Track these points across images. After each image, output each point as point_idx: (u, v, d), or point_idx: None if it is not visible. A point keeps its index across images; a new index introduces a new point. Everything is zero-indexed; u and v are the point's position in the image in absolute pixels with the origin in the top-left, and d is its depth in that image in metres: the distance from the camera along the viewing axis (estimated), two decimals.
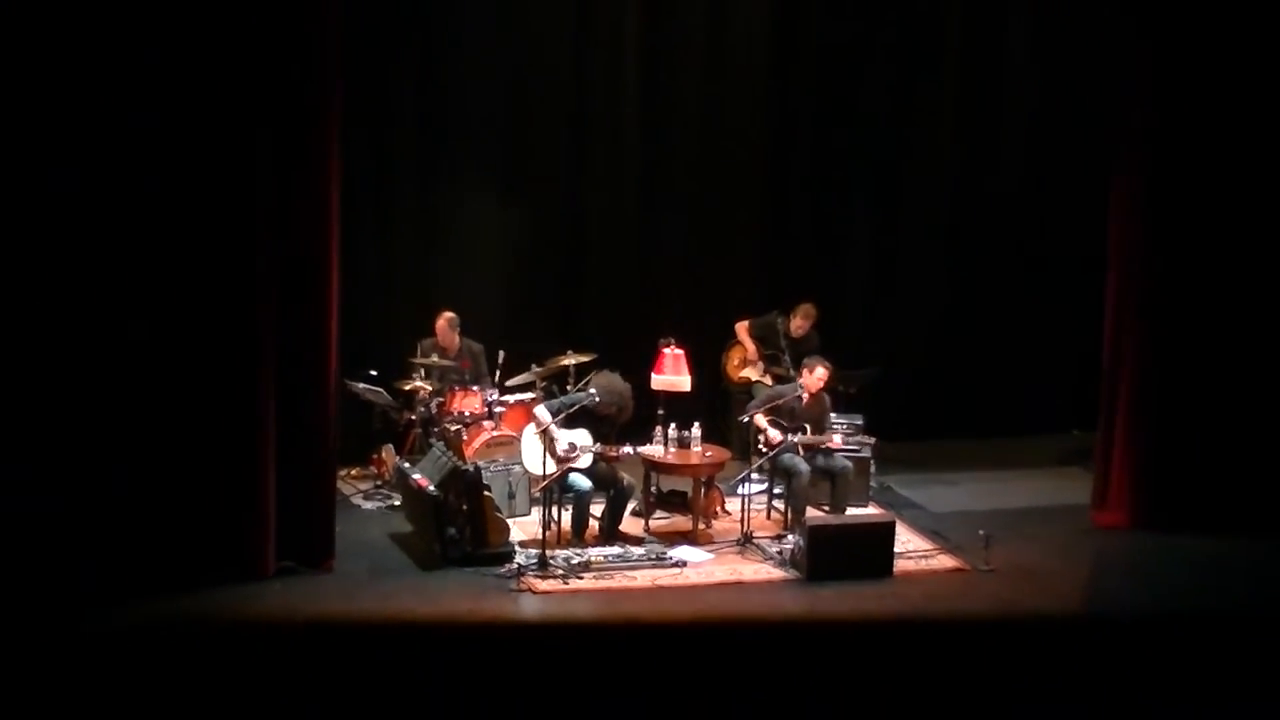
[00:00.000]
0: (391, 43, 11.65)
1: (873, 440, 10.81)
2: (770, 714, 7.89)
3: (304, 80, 9.36)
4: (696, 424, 10.43)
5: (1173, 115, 10.46)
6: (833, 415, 10.70)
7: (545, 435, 9.92)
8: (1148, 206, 10.52)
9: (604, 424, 10.18)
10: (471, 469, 9.78)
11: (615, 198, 12.33)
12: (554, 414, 9.99)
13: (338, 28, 9.47)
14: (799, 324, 11.43)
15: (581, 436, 10.00)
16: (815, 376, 10.38)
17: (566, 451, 9.92)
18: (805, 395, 10.52)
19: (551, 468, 9.80)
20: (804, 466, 10.20)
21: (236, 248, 9.23)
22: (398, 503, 10.55)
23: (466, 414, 10.73)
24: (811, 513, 10.07)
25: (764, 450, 10.33)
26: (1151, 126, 10.53)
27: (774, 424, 10.26)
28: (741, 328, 11.46)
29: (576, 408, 10.09)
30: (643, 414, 10.59)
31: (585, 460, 9.95)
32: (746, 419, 10.48)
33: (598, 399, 10.04)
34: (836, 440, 10.46)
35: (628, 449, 10.24)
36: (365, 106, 11.06)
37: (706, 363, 11.35)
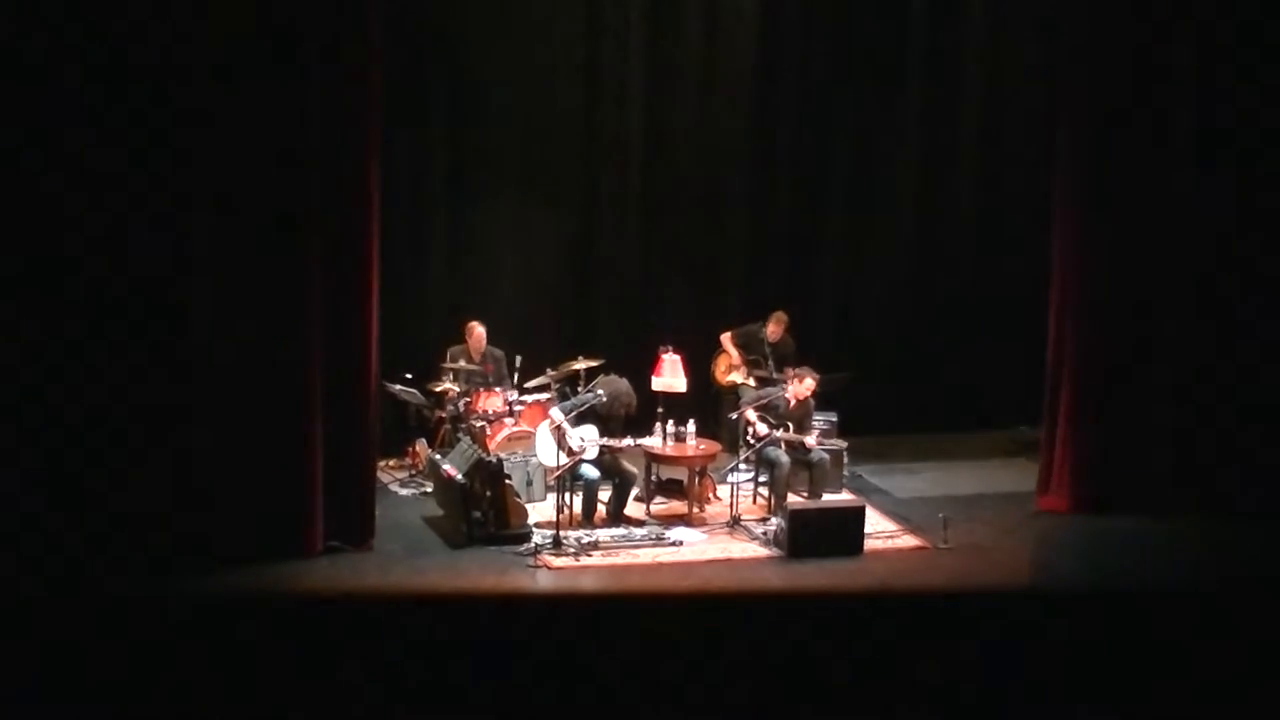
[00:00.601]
0: (424, 81, 11.59)
1: (844, 444, 10.85)
2: (754, 674, 7.62)
3: (349, 117, 9.30)
4: (691, 421, 10.49)
5: (1104, 135, 10.35)
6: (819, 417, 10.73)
7: (558, 431, 9.96)
8: (1084, 221, 10.44)
9: (609, 421, 10.19)
10: (494, 460, 9.82)
11: (620, 222, 12.36)
12: (566, 412, 10.05)
13: (379, 69, 9.43)
14: (774, 330, 11.49)
15: (590, 432, 10.02)
16: (804, 386, 10.48)
17: (577, 445, 9.92)
18: (793, 400, 10.47)
19: (564, 459, 9.86)
20: (785, 458, 10.26)
21: (293, 268, 9.22)
22: (430, 489, 10.53)
23: (490, 412, 10.73)
24: (791, 498, 10.11)
25: (751, 442, 10.31)
26: (1085, 145, 10.44)
27: (763, 419, 10.30)
28: (726, 338, 11.48)
29: (585, 407, 10.13)
30: (644, 412, 10.61)
31: (593, 452, 9.97)
32: (736, 416, 10.49)
33: (604, 399, 10.11)
34: (810, 441, 10.36)
35: (630, 442, 10.30)
36: (402, 138, 10.99)
37: (699, 367, 11.30)
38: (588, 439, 10.00)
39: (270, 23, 9.07)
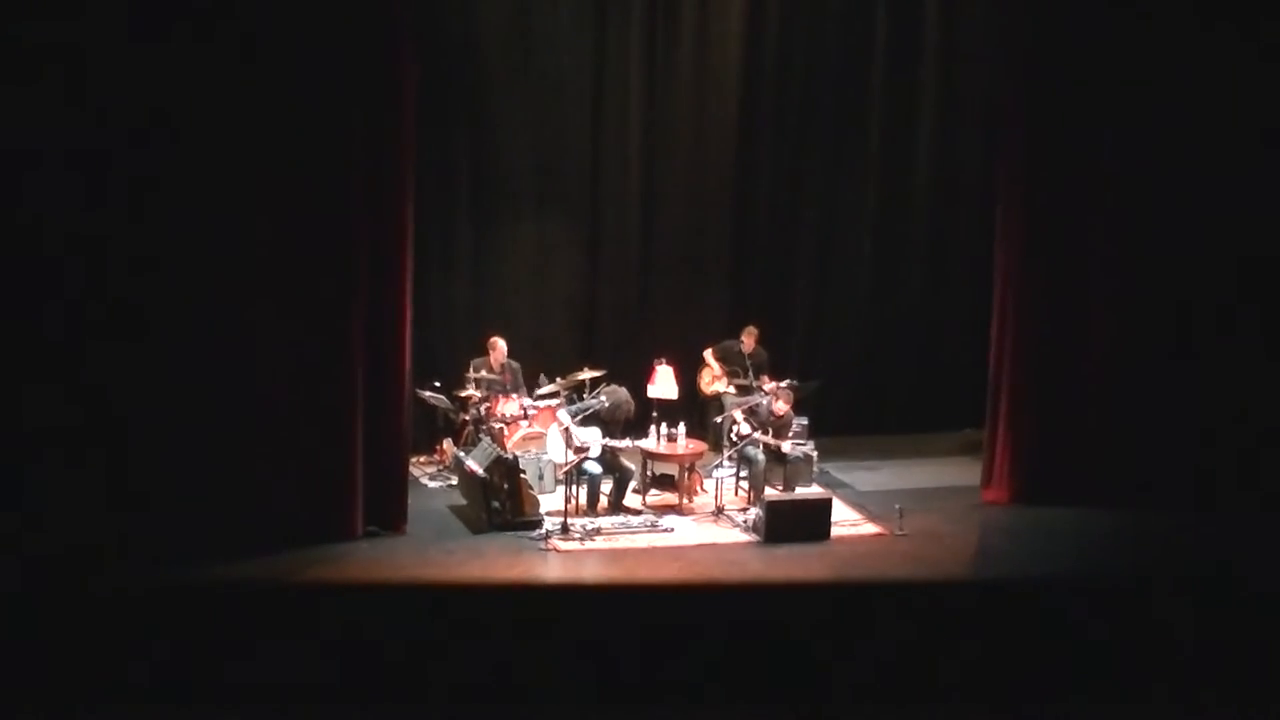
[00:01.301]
0: (450, 128, 11.54)
1: (813, 448, 10.84)
2: (737, 641, 8.07)
3: (386, 157, 9.31)
4: (681, 424, 10.52)
5: (1040, 162, 10.32)
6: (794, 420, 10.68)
7: (566, 432, 9.99)
8: (1019, 254, 10.38)
9: (610, 423, 10.34)
10: (511, 457, 9.89)
11: (620, 252, 12.40)
12: (573, 416, 10.09)
13: (412, 112, 9.42)
14: (747, 342, 11.50)
15: (593, 433, 10.06)
16: (779, 405, 10.48)
17: (582, 444, 9.95)
18: (768, 406, 10.48)
19: (571, 456, 9.91)
20: (761, 456, 10.24)
21: (339, 291, 9.24)
22: (455, 482, 10.56)
23: (507, 415, 10.72)
24: (768, 491, 10.11)
25: (735, 440, 10.32)
26: (1019, 191, 10.40)
27: (748, 420, 10.39)
28: (708, 353, 11.47)
29: (590, 411, 10.19)
30: (641, 416, 10.77)
31: (596, 450, 9.99)
32: (722, 418, 10.63)
33: (606, 404, 10.27)
34: (787, 447, 10.38)
35: (629, 442, 10.48)
36: (431, 177, 10.89)
37: (688, 378, 11.35)
38: (591, 439, 10.02)
39: (324, 91, 9.12)
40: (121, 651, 7.70)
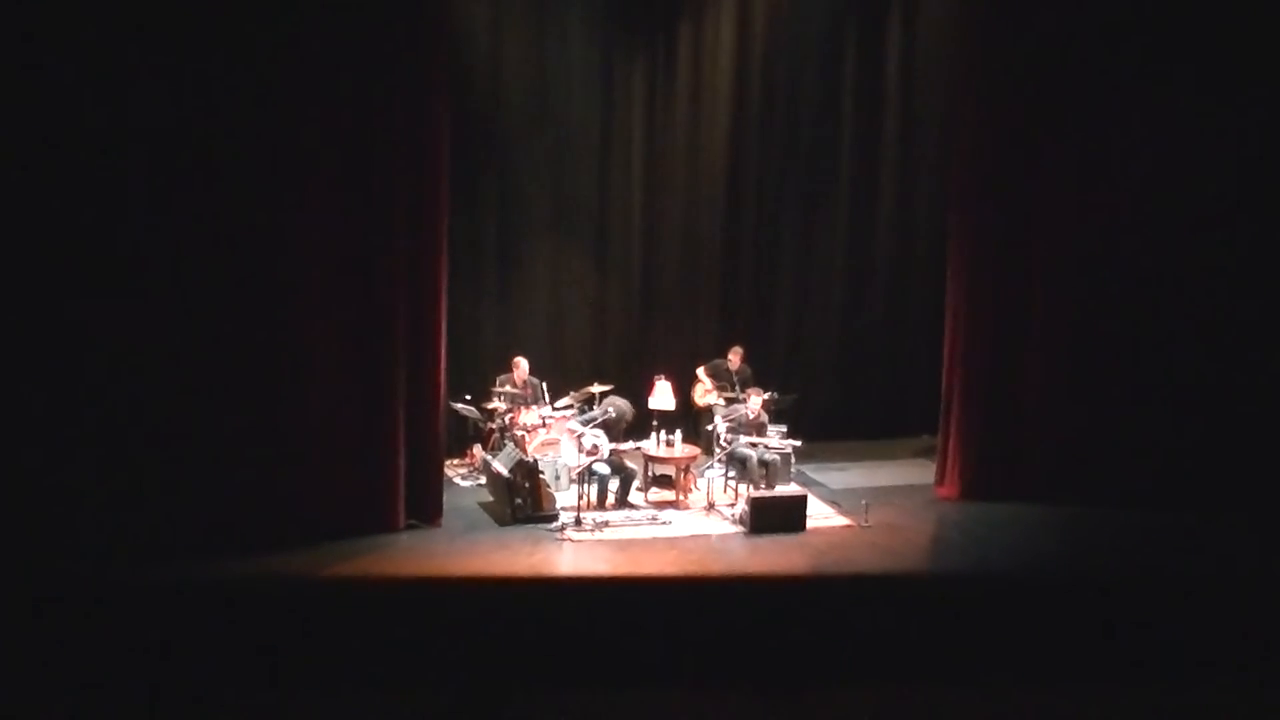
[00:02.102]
0: (477, 170, 11.52)
1: (791, 452, 10.59)
2: (724, 617, 8.20)
3: (424, 197, 9.25)
4: (678, 431, 10.51)
5: (985, 206, 10.18)
6: (769, 425, 10.56)
7: (578, 439, 10.01)
8: (968, 279, 10.32)
9: (615, 430, 10.31)
10: (531, 460, 9.87)
11: (625, 280, 12.41)
12: (584, 425, 10.11)
13: (446, 156, 9.36)
14: (734, 359, 11.47)
15: (602, 439, 10.06)
16: (754, 406, 10.49)
17: (592, 448, 9.95)
18: (750, 415, 10.49)
19: (582, 459, 9.91)
20: (753, 454, 10.15)
21: (383, 315, 9.22)
22: (483, 482, 10.54)
23: (527, 424, 10.66)
24: (752, 490, 10.01)
25: (725, 445, 10.29)
26: (970, 216, 10.29)
27: (731, 429, 10.38)
28: (701, 370, 11.44)
29: (599, 420, 10.20)
30: (643, 424, 10.72)
31: (604, 454, 10.01)
32: (712, 427, 10.61)
33: (611, 414, 10.24)
34: (772, 443, 10.30)
35: (632, 445, 10.44)
36: (462, 215, 10.85)
37: (683, 391, 11.35)
38: (600, 444, 10.02)
39: (372, 136, 9.11)
40: (189, 639, 7.71)
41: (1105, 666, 8.03)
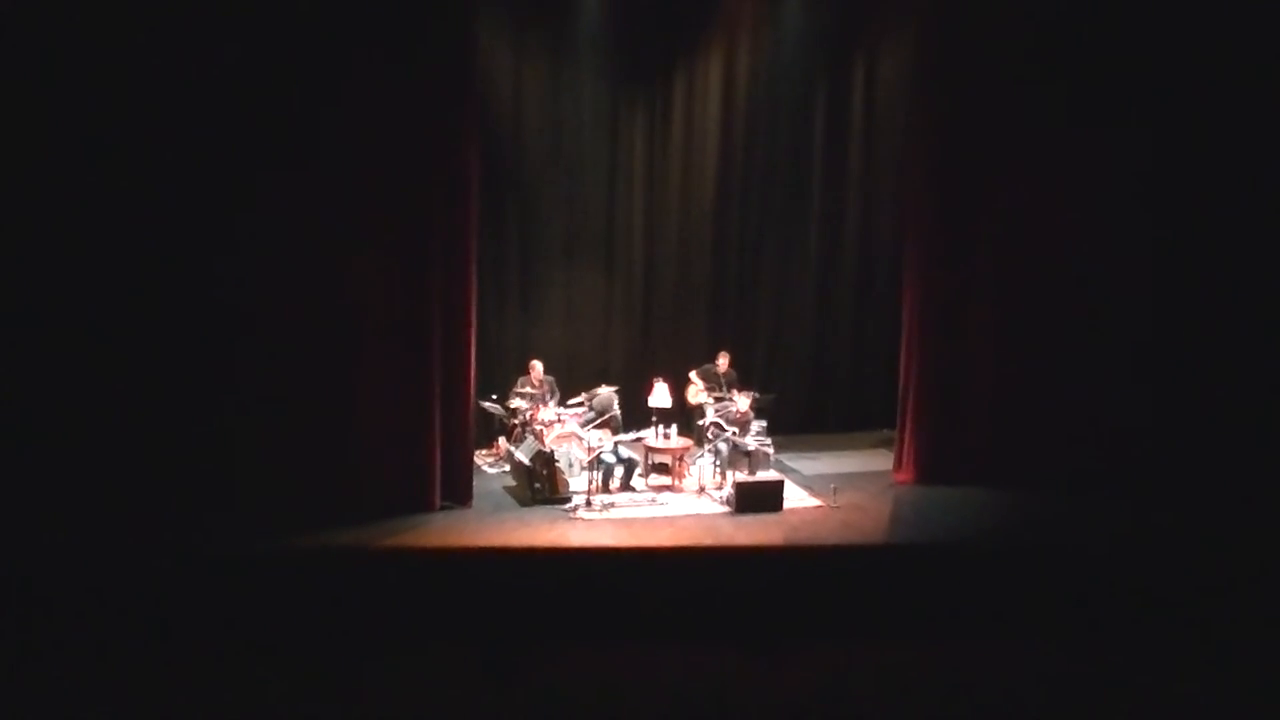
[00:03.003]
0: (502, 200, 11.46)
1: (770, 443, 10.52)
2: (713, 584, 8.24)
3: (457, 224, 9.29)
4: (674, 425, 10.57)
5: (936, 234, 10.18)
6: (753, 421, 10.52)
7: (578, 436, 10.12)
8: (919, 297, 10.28)
9: (611, 422, 10.32)
10: (548, 450, 9.85)
11: (628, 296, 12.33)
12: (583, 426, 10.21)
13: (476, 189, 9.40)
14: (721, 364, 11.39)
15: (606, 436, 10.12)
16: (742, 405, 10.60)
17: (595, 443, 9.98)
18: (738, 413, 10.57)
19: (591, 443, 9.97)
20: (725, 448, 10.15)
21: (421, 326, 9.22)
22: (507, 469, 10.59)
23: (544, 420, 10.53)
24: (737, 475, 9.96)
25: (710, 438, 10.35)
26: (922, 245, 10.29)
27: (719, 416, 10.47)
28: (693, 374, 11.37)
29: (596, 422, 10.31)
30: (644, 419, 10.61)
31: (609, 446, 10.01)
32: (704, 422, 10.65)
33: (594, 412, 10.39)
34: (751, 444, 10.24)
35: (635, 436, 10.35)
36: (487, 237, 10.74)
37: (679, 391, 11.31)
38: (603, 438, 10.06)
39: (414, 176, 9.16)
40: (256, 607, 7.73)
41: (1035, 624, 8.09)
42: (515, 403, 10.95)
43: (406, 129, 9.07)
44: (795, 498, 9.97)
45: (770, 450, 10.60)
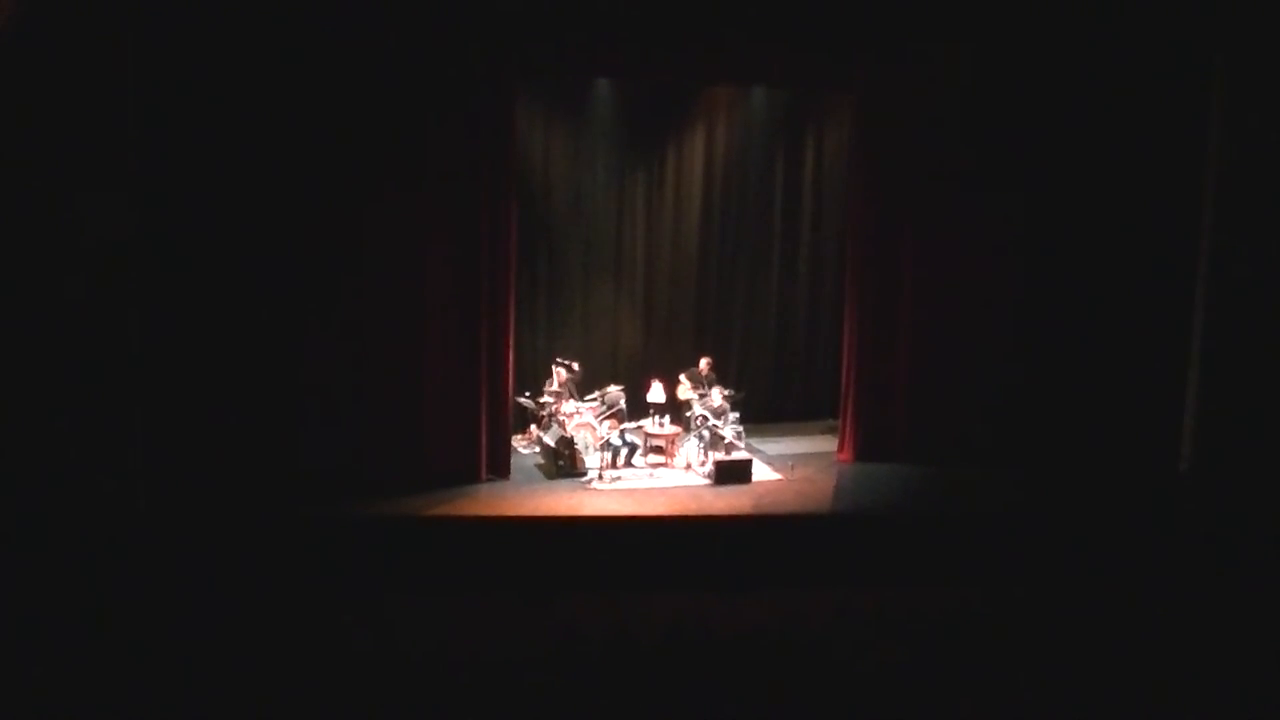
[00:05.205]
0: (533, 234, 11.15)
1: (742, 430, 10.43)
2: (698, 543, 8.06)
3: (499, 252, 9.22)
4: (667, 416, 10.36)
5: (872, 263, 9.89)
6: (729, 412, 10.42)
7: (600, 421, 10.03)
8: (857, 306, 10.17)
9: (618, 414, 10.31)
10: (570, 436, 9.74)
11: (631, 313, 12.09)
12: (597, 419, 10.06)
13: (514, 227, 9.32)
14: (704, 367, 11.17)
15: (614, 423, 10.00)
16: (717, 400, 10.41)
17: (605, 431, 9.86)
18: (716, 405, 10.38)
19: (603, 431, 9.87)
20: (706, 434, 9.91)
21: (470, 333, 9.16)
22: (538, 450, 10.36)
23: (567, 412, 10.25)
24: (716, 455, 9.89)
25: (696, 426, 10.20)
26: (860, 261, 10.05)
27: (703, 408, 10.32)
28: (682, 376, 11.06)
29: (608, 414, 10.15)
30: (644, 411, 10.41)
31: (617, 433, 9.93)
32: (690, 414, 10.45)
33: (605, 406, 10.27)
34: (729, 434, 10.06)
35: (637, 424, 10.24)
36: (522, 264, 10.37)
37: (671, 389, 10.95)
38: (612, 427, 9.96)
39: (464, 216, 9.09)
40: (330, 564, 7.39)
41: (947, 574, 7.86)
42: (544, 399, 10.75)
43: (466, 184, 9.13)
44: (761, 473, 9.90)
45: (742, 435, 10.45)
